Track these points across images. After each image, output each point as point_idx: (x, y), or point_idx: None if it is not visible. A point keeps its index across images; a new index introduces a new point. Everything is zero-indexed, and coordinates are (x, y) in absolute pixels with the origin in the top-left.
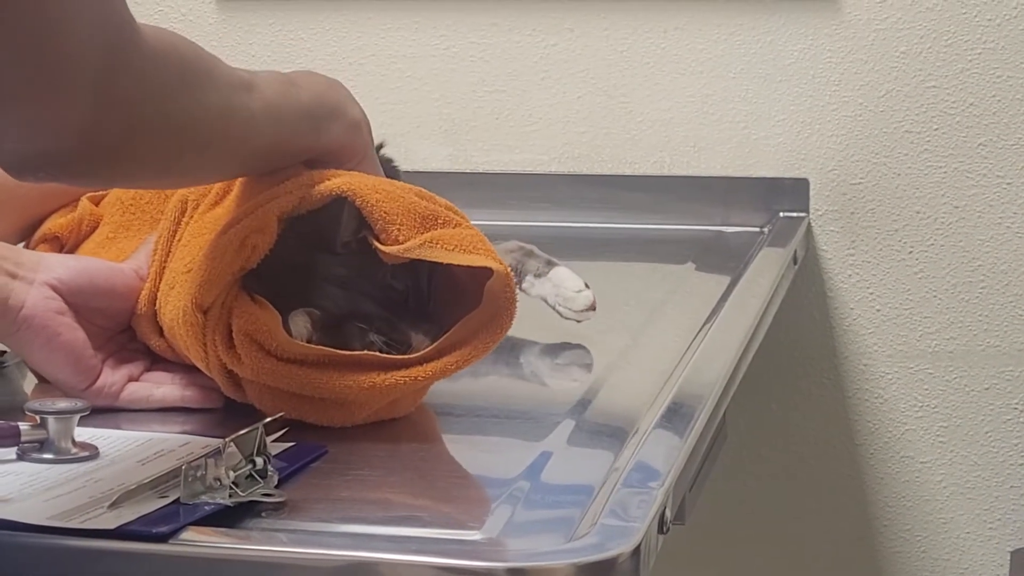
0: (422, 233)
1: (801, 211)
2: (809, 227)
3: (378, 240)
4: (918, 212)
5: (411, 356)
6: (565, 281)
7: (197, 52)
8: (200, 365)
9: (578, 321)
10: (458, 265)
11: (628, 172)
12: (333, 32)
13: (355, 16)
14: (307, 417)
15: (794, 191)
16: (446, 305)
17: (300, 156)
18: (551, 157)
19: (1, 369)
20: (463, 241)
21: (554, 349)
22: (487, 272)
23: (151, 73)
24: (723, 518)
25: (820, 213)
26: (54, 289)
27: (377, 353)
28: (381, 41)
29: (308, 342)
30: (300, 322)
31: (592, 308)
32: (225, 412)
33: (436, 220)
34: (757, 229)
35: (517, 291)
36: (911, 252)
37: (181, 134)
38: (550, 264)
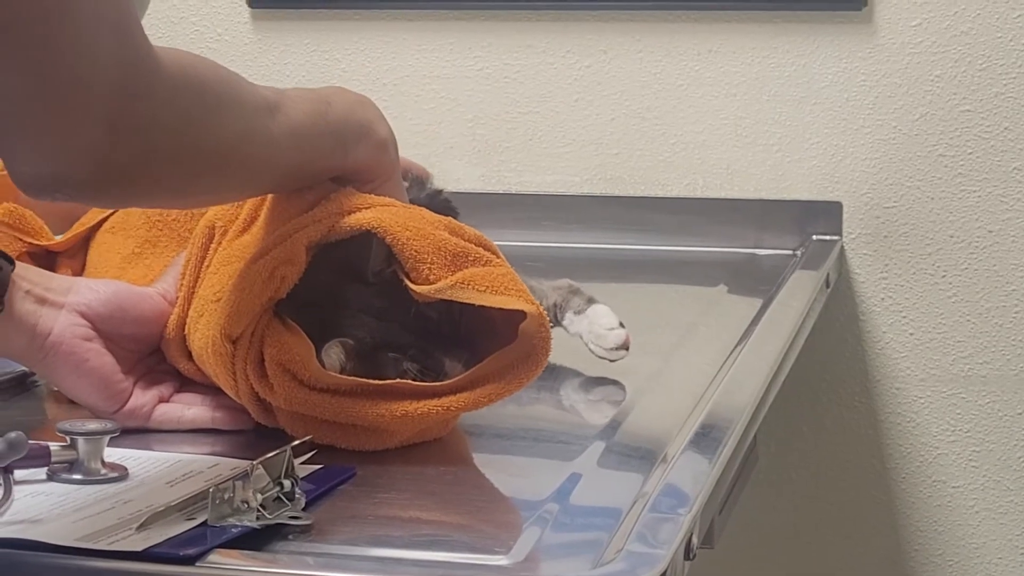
0: (453, 272)
1: (834, 234)
2: (842, 250)
3: (408, 278)
4: (952, 236)
5: (443, 384)
6: (600, 318)
7: (219, 75)
8: (230, 393)
9: (610, 360)
10: None
11: (661, 194)
12: (368, 52)
13: (390, 36)
14: (338, 443)
15: (827, 214)
16: (479, 331)
17: (326, 175)
18: (584, 179)
19: (31, 387)
20: (495, 281)
21: (589, 382)
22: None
23: (169, 99)
24: (753, 542)
25: (853, 236)
26: (83, 315)
27: (410, 381)
28: (415, 61)
29: (341, 372)
30: (334, 354)
31: (624, 347)
32: (255, 434)
33: (467, 258)
34: (790, 252)
35: (558, 328)
36: (944, 276)
37: (200, 158)
38: (590, 302)
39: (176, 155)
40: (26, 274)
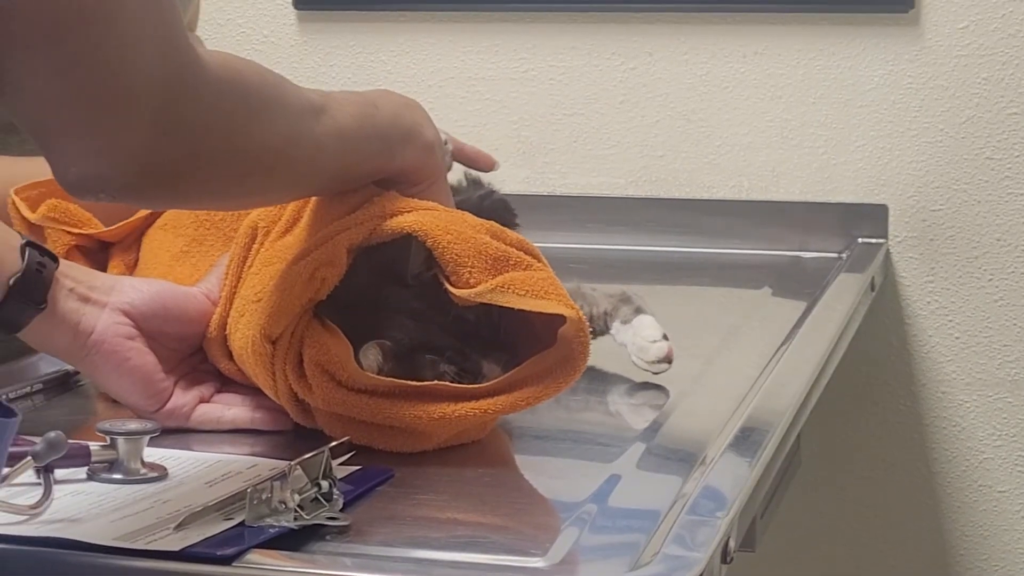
0: (493, 276)
1: (880, 237)
2: (888, 253)
3: (449, 281)
4: (998, 239)
5: (481, 386)
6: (644, 329)
7: (264, 78)
8: (269, 393)
9: (652, 373)
10: None
11: (706, 196)
12: (413, 54)
13: (435, 38)
14: (376, 444)
15: (873, 217)
16: (519, 335)
17: (371, 177)
18: (628, 180)
19: (74, 387)
20: (535, 285)
21: (632, 386)
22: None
23: (213, 103)
24: (796, 545)
25: (899, 239)
26: (126, 314)
27: (447, 383)
28: (460, 63)
29: (379, 373)
30: (372, 355)
31: (665, 360)
32: (295, 435)
33: (508, 262)
34: (835, 255)
35: (607, 335)
36: (991, 279)
37: (245, 160)
38: (638, 312)
39: (221, 157)
40: (70, 272)
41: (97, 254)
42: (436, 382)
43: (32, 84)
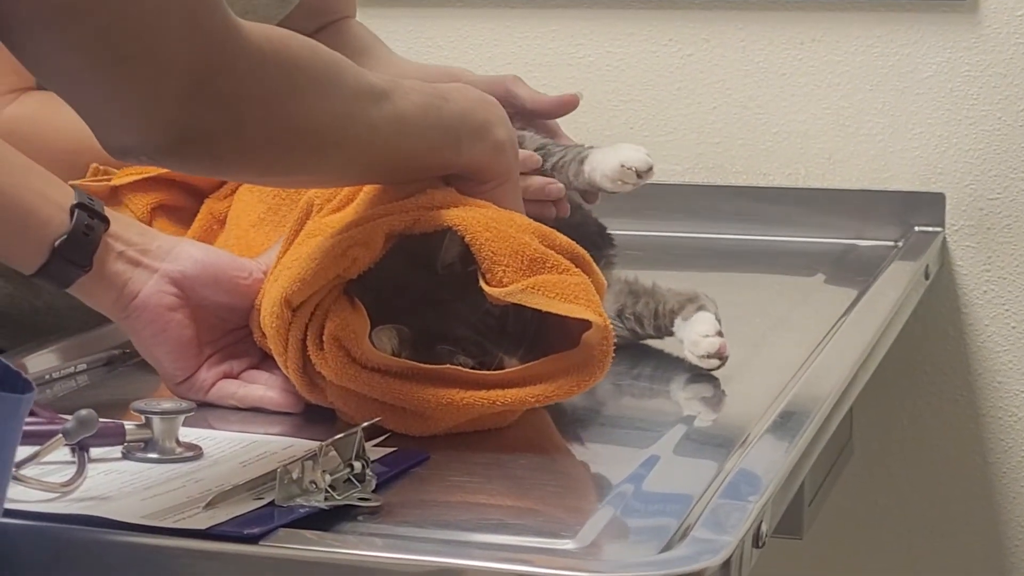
0: (527, 277)
1: (937, 225)
2: (944, 242)
3: (484, 279)
4: None
5: (491, 375)
6: (699, 324)
7: (318, 56)
8: (279, 361)
9: (704, 368)
10: None
11: (763, 184)
12: (470, 39)
13: (492, 24)
14: (385, 423)
15: (930, 205)
16: (554, 338)
17: (437, 170)
18: (685, 167)
19: (119, 367)
20: (566, 289)
21: (679, 374)
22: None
23: (253, 75)
24: (849, 534)
25: (956, 228)
26: (175, 282)
27: (457, 367)
28: (518, 49)
29: (393, 356)
30: (385, 337)
31: (717, 356)
32: (338, 418)
33: (544, 264)
34: (891, 243)
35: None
36: None
37: (289, 134)
38: (700, 309)
39: (263, 131)
40: (124, 234)
41: (184, 212)
42: (447, 366)
43: (59, 61)
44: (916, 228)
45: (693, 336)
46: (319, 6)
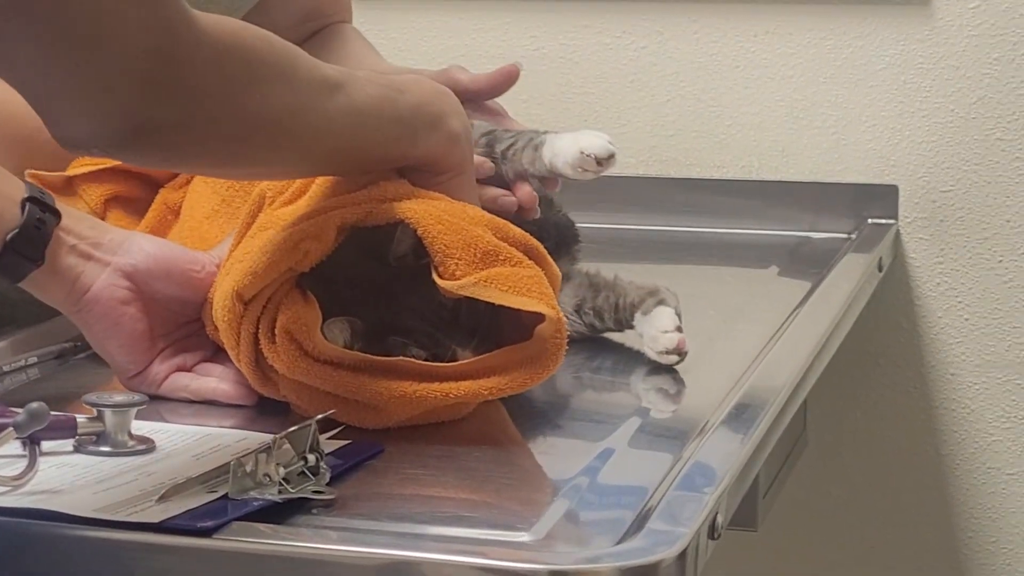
0: (480, 270)
1: (890, 218)
2: (898, 234)
3: (437, 272)
4: (1008, 221)
5: (444, 367)
6: (658, 320)
7: (273, 47)
8: (231, 355)
9: (662, 363)
10: None
11: (716, 176)
12: (424, 31)
13: (445, 16)
14: (339, 416)
15: (883, 197)
16: (509, 331)
17: (392, 162)
18: (639, 160)
19: (70, 360)
20: (519, 282)
21: (635, 367)
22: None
23: (209, 69)
24: (803, 526)
25: (909, 220)
26: (127, 276)
27: (411, 359)
28: (471, 41)
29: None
30: (336, 329)
31: (675, 352)
32: (290, 409)
33: (497, 257)
34: (845, 235)
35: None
36: (1001, 261)
37: (245, 126)
38: (660, 303)
39: (220, 121)
40: (76, 227)
41: (138, 203)
42: (400, 358)
43: (10, 50)
44: (869, 220)
45: (652, 332)
46: (311, 10)
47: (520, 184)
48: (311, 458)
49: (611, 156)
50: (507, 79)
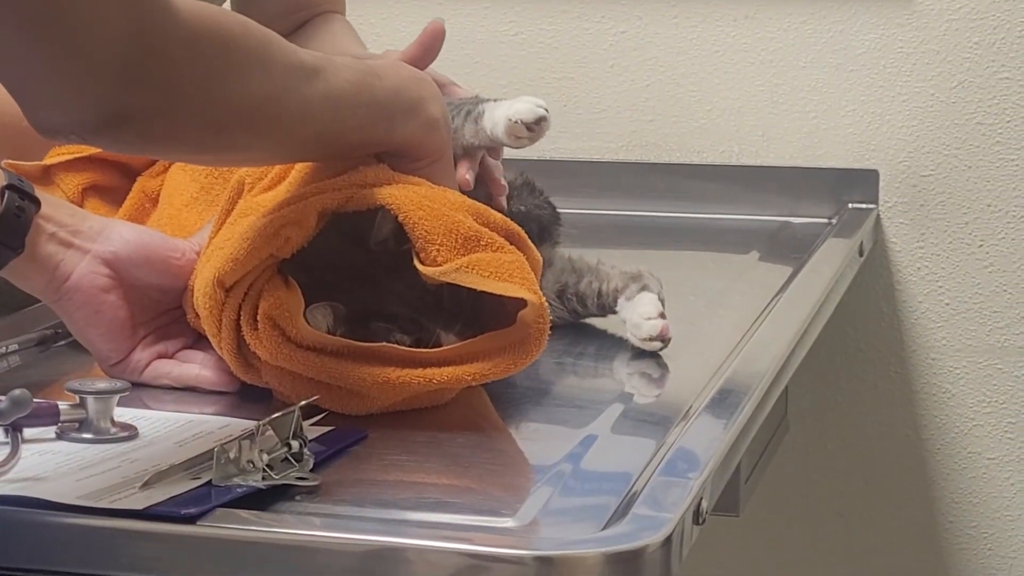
0: (461, 255)
1: (870, 203)
2: (878, 219)
3: (418, 257)
4: (989, 205)
5: (428, 353)
6: (641, 306)
7: (250, 33)
8: (213, 342)
9: (646, 350)
10: None
11: (696, 161)
12: (402, 16)
13: (424, 2)
14: (322, 402)
15: (864, 182)
16: (492, 316)
17: (371, 148)
18: (619, 145)
19: (51, 348)
20: (500, 267)
21: (618, 352)
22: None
23: (186, 55)
24: (785, 511)
25: (890, 205)
26: (107, 263)
27: (394, 345)
28: (449, 26)
29: (328, 334)
30: (319, 315)
31: (658, 339)
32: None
33: (478, 242)
34: (825, 220)
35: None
36: (981, 245)
37: (223, 113)
38: (643, 289)
39: (198, 108)
40: (55, 215)
41: (116, 192)
42: (383, 344)
43: None
44: (850, 205)
45: (635, 318)
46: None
47: (459, 164)
48: (294, 444)
49: (540, 120)
50: (434, 38)
